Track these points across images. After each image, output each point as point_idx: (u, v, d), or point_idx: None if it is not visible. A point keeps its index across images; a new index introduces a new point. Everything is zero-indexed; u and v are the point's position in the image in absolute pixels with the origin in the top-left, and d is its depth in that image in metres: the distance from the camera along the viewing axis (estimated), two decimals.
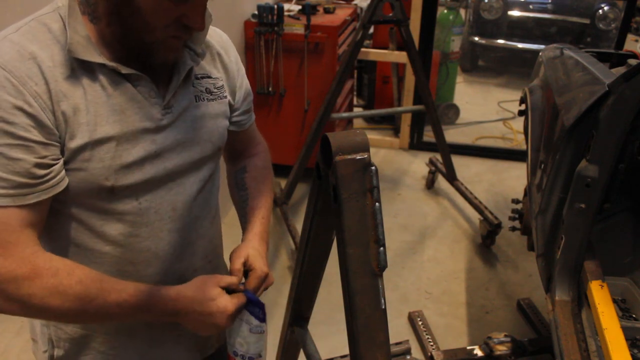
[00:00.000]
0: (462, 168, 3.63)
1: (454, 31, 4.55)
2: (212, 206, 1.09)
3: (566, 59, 2.02)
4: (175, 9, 0.82)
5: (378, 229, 0.74)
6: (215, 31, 1.06)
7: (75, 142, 0.84)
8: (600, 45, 5.23)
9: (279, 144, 3.41)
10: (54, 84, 0.82)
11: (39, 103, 0.80)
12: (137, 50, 0.86)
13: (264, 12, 3.07)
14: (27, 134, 0.80)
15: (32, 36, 0.82)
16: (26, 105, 0.79)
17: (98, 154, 0.86)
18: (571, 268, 1.55)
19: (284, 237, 2.98)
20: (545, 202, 1.68)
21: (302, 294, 1.05)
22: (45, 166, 0.82)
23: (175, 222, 0.99)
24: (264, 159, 1.21)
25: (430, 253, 2.98)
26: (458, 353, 2.08)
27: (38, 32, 0.83)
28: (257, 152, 1.21)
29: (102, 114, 0.86)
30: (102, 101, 0.86)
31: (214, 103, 1.01)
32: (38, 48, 0.82)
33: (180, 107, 0.95)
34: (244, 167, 1.18)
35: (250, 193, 1.14)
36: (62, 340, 1.03)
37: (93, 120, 0.85)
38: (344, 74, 2.88)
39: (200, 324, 0.93)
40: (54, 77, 0.82)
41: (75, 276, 0.84)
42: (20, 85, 0.79)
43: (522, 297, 2.60)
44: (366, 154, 0.74)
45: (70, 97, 0.83)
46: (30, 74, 0.80)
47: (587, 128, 1.49)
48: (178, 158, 0.96)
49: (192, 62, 0.96)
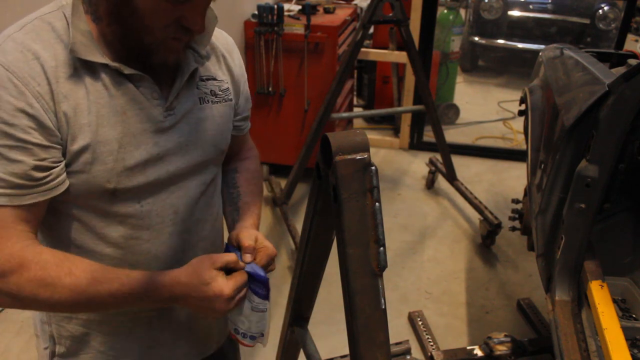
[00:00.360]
0: (462, 168, 3.63)
1: (454, 31, 4.55)
2: (214, 208, 1.08)
3: (566, 59, 2.02)
4: (173, 10, 0.81)
5: (378, 229, 0.74)
6: (221, 34, 1.05)
7: (77, 144, 0.84)
8: (600, 45, 5.23)
9: (279, 144, 3.42)
10: (56, 84, 0.81)
11: (41, 104, 0.80)
12: (137, 50, 0.86)
13: (264, 12, 3.07)
14: (27, 136, 0.79)
15: (35, 35, 0.82)
16: (28, 106, 0.79)
17: (100, 156, 0.86)
18: (571, 268, 1.55)
19: (284, 237, 2.97)
20: (545, 202, 1.68)
21: (302, 294, 1.05)
22: (44, 169, 0.82)
23: (176, 225, 0.99)
24: (255, 164, 1.21)
25: (430, 253, 2.98)
26: (458, 353, 2.08)
27: (42, 31, 0.83)
28: (249, 156, 1.21)
29: (103, 114, 0.85)
30: (104, 102, 0.85)
31: (218, 105, 1.00)
32: (41, 47, 0.81)
33: (184, 109, 0.94)
34: (235, 168, 1.17)
35: (242, 191, 1.13)
36: (63, 337, 1.03)
37: (95, 121, 0.84)
38: (344, 74, 2.88)
39: (200, 309, 0.90)
40: (56, 77, 0.81)
41: (65, 268, 0.83)
42: (22, 85, 0.79)
43: (522, 297, 2.60)
44: (366, 154, 0.74)
45: (71, 97, 0.82)
46: (33, 74, 0.80)
47: (587, 128, 1.49)
48: (181, 161, 0.95)
49: (195, 64, 0.94)
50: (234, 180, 1.15)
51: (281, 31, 3.11)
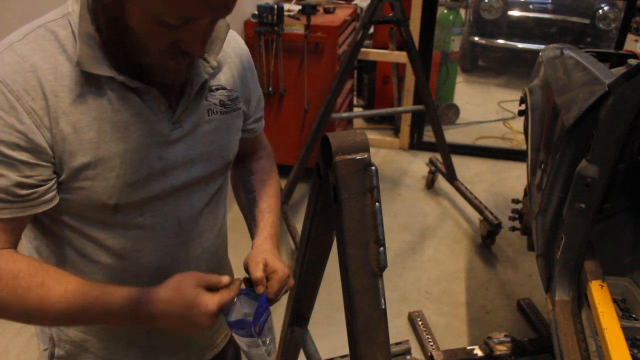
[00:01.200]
0: (462, 168, 3.63)
1: (454, 31, 4.55)
2: (219, 218, 1.06)
3: (566, 59, 2.02)
4: (169, 34, 0.75)
5: (378, 229, 0.74)
6: (233, 37, 0.99)
7: (78, 161, 0.81)
8: (600, 45, 5.22)
9: (279, 144, 3.39)
10: (54, 100, 0.78)
11: (34, 119, 0.77)
12: (139, 68, 0.82)
13: (264, 12, 3.07)
14: (13, 153, 0.76)
15: (37, 45, 0.78)
16: (18, 122, 0.76)
17: (102, 173, 0.83)
18: (571, 268, 1.55)
19: (284, 237, 2.97)
20: (545, 202, 1.68)
21: (302, 294, 1.06)
22: (29, 186, 0.79)
23: (179, 237, 0.96)
24: (270, 162, 1.18)
25: (430, 253, 2.97)
26: (458, 353, 2.08)
27: (44, 41, 0.79)
28: (263, 155, 1.18)
29: (106, 130, 0.82)
30: (107, 117, 0.81)
31: (227, 117, 0.96)
32: (41, 58, 0.78)
33: (191, 122, 0.90)
34: (250, 169, 1.15)
35: (258, 196, 1.10)
36: (62, 341, 1.02)
37: (96, 137, 0.81)
38: (344, 74, 2.88)
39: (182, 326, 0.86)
40: (54, 92, 0.78)
41: (38, 278, 0.80)
42: (15, 100, 0.75)
43: (522, 297, 2.60)
44: (366, 154, 0.74)
45: (72, 113, 0.79)
46: (28, 87, 0.76)
47: (587, 128, 1.49)
48: (186, 174, 0.92)
49: (205, 75, 0.89)
50: (250, 184, 1.12)
51: (281, 31, 3.11)
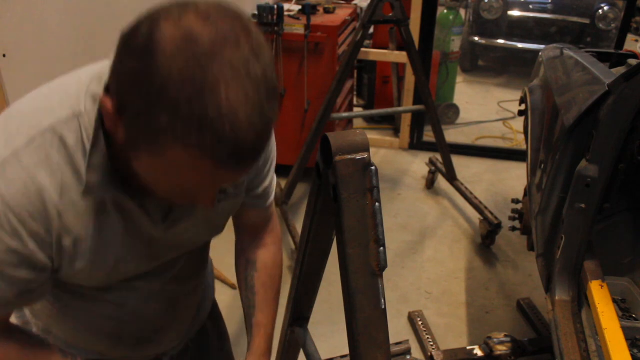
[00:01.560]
0: (462, 168, 3.63)
1: (454, 31, 4.55)
2: (205, 262, 1.11)
3: (566, 59, 2.03)
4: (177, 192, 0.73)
5: (378, 229, 0.74)
6: None
7: (76, 266, 0.82)
8: (600, 45, 5.22)
9: (279, 143, 3.36)
10: (58, 219, 0.76)
11: (37, 241, 0.76)
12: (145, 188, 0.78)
13: (264, 12, 3.06)
14: (15, 272, 0.77)
15: (44, 156, 0.73)
16: (22, 246, 0.75)
17: (95, 273, 0.85)
18: (571, 268, 1.55)
19: (284, 237, 2.97)
20: (545, 202, 1.68)
21: (302, 294, 1.05)
22: (24, 292, 0.80)
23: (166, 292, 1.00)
24: (275, 255, 1.14)
25: (430, 253, 2.97)
26: (458, 353, 2.08)
27: (52, 150, 0.73)
28: (269, 242, 1.14)
29: (103, 239, 0.82)
30: (106, 227, 0.81)
31: (225, 203, 0.93)
32: (48, 175, 0.73)
33: (187, 213, 0.88)
34: (254, 262, 1.12)
35: (257, 301, 1.10)
36: None
37: (95, 247, 0.81)
38: (344, 74, 2.88)
39: None
40: (58, 212, 0.76)
41: None
42: (19, 224, 0.73)
43: (522, 297, 2.60)
44: (366, 154, 0.74)
45: (74, 228, 0.78)
46: (33, 210, 0.73)
47: (587, 128, 1.49)
48: (171, 254, 0.94)
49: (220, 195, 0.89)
50: (252, 283, 1.11)
51: (281, 31, 3.10)
